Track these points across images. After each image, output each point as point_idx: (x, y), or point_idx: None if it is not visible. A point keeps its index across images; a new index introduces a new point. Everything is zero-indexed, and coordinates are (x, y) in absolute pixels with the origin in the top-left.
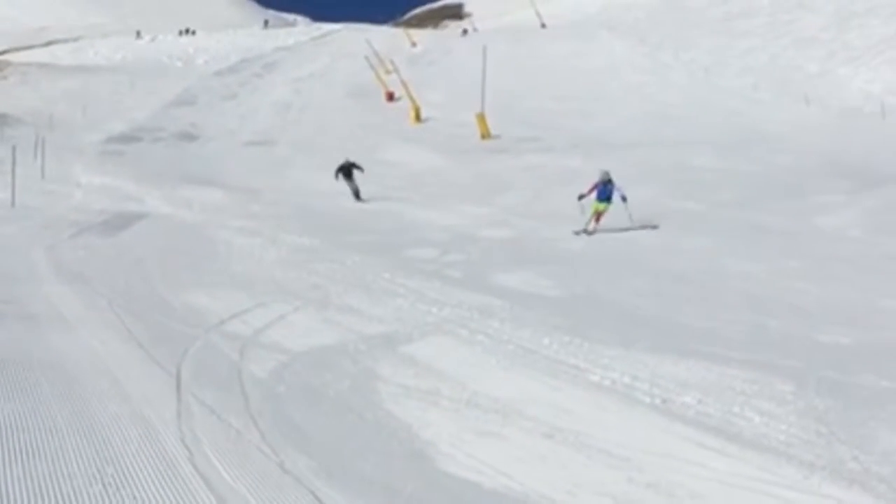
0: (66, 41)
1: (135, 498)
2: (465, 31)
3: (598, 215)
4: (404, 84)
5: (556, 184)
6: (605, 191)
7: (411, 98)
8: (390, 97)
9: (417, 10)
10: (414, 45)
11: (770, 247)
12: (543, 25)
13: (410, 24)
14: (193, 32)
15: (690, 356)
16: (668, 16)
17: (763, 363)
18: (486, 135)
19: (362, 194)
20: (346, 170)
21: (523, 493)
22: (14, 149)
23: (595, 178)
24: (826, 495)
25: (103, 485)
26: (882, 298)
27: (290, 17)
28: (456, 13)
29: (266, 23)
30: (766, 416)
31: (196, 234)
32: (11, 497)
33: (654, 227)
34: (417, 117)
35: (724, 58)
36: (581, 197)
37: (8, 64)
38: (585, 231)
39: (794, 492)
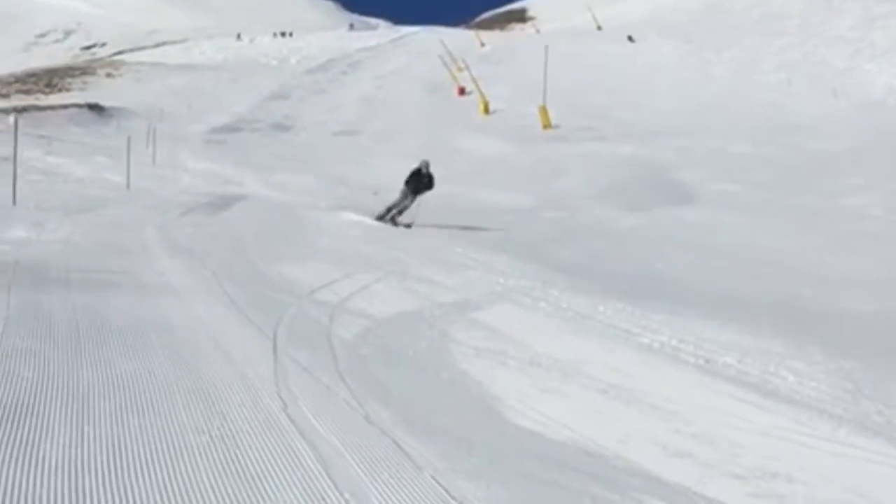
0: (174, 42)
1: (238, 447)
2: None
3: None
4: (474, 80)
5: (608, 168)
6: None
7: (480, 92)
8: (462, 92)
9: (486, 14)
10: (483, 45)
11: (800, 224)
12: (599, 28)
13: (480, 26)
14: (290, 35)
15: (730, 321)
16: (710, 18)
17: (795, 328)
18: (547, 125)
19: (405, 219)
20: (417, 182)
21: (581, 442)
22: (129, 138)
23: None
24: (853, 445)
25: (210, 436)
26: None
27: (373, 20)
28: (521, 17)
29: (351, 26)
30: (799, 375)
31: (289, 213)
32: (128, 446)
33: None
34: (486, 110)
35: (761, 55)
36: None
37: (123, 63)
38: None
39: (825, 442)
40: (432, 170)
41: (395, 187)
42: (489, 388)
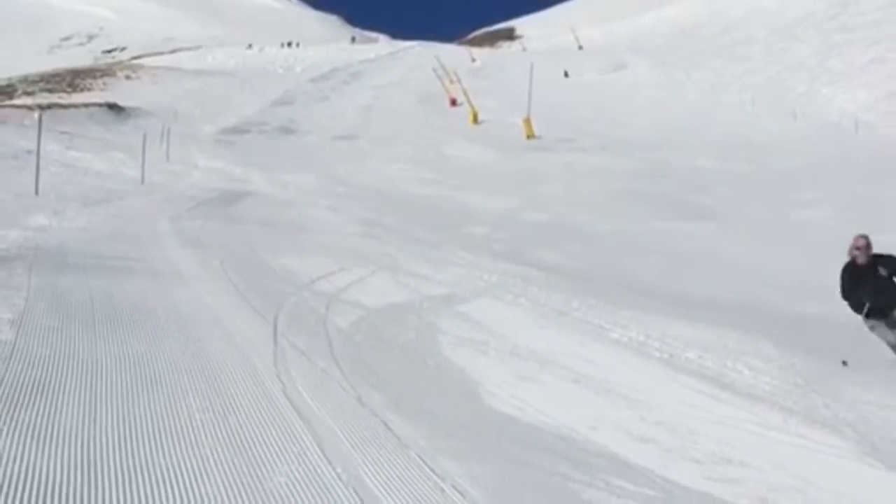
0: (188, 49)
1: (240, 424)
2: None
3: None
4: (465, 92)
5: (585, 177)
6: None
7: (470, 104)
8: (453, 103)
9: (478, 32)
10: (474, 60)
11: (759, 234)
12: (581, 48)
13: (472, 42)
14: (297, 45)
15: (693, 319)
16: (683, 42)
17: (752, 327)
18: (530, 135)
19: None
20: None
21: (555, 427)
22: (144, 136)
23: None
24: (801, 435)
25: (213, 413)
26: None
27: (373, 34)
28: (509, 35)
29: (353, 39)
30: (754, 370)
31: (291, 209)
32: (139, 420)
33: None
34: (475, 120)
35: (728, 78)
36: None
37: (141, 67)
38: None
39: (776, 432)
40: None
41: (390, 188)
42: (471, 374)
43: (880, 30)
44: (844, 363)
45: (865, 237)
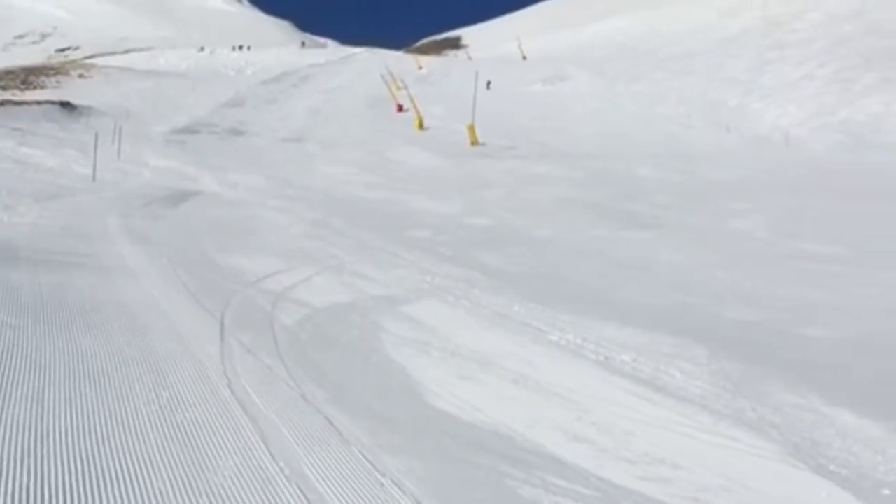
0: (141, 50)
1: (185, 418)
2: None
3: None
4: (412, 98)
5: (527, 184)
6: None
7: (416, 110)
8: (400, 109)
9: (425, 40)
10: (420, 67)
11: (693, 241)
12: (524, 58)
13: (419, 50)
14: (248, 48)
15: (628, 324)
16: (622, 55)
17: (685, 332)
18: (474, 142)
19: None
20: None
21: (493, 425)
22: (97, 134)
23: None
24: (730, 437)
25: (159, 406)
26: (779, 286)
27: (323, 40)
28: (455, 44)
29: (303, 44)
30: (686, 374)
31: (240, 209)
32: (85, 413)
33: None
34: (421, 125)
35: (665, 91)
36: None
37: (94, 66)
38: None
39: (706, 433)
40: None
41: (337, 191)
42: (413, 373)
43: (811, 48)
44: None
45: None
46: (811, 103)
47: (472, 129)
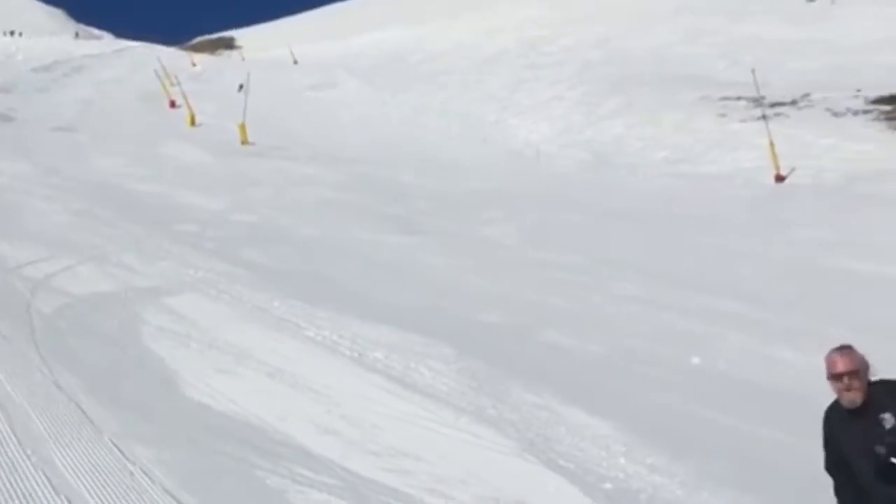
0: None
1: None
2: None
3: None
4: (184, 95)
5: (295, 184)
6: None
7: (189, 106)
8: (172, 104)
9: (200, 38)
10: (194, 65)
11: (449, 247)
12: (296, 62)
13: (194, 48)
14: (20, 34)
15: (384, 322)
16: (389, 66)
17: (436, 332)
18: (245, 141)
19: None
20: None
21: (245, 417)
22: None
23: None
24: (471, 433)
25: None
26: (525, 292)
27: (97, 31)
28: (229, 44)
29: (77, 34)
30: (434, 371)
31: (4, 195)
32: None
33: None
34: (192, 122)
35: (429, 103)
36: None
37: None
38: None
39: (449, 429)
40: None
41: (105, 182)
42: (170, 364)
43: (562, 70)
44: None
45: (849, 349)
46: (560, 122)
47: (242, 128)
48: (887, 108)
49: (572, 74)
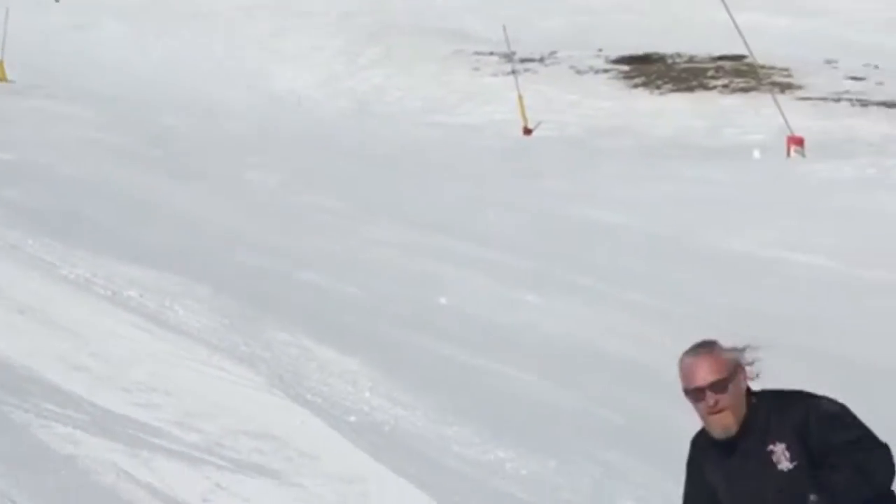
0: None
1: None
2: None
3: None
4: None
5: (55, 123)
6: None
7: None
8: None
9: None
10: None
11: (211, 189)
12: (58, 0)
13: None
14: None
15: (140, 262)
16: (154, 8)
17: (193, 272)
18: (2, 78)
19: None
20: None
21: None
22: None
23: None
24: (221, 368)
25: None
26: (285, 234)
27: None
28: None
29: None
30: (188, 310)
31: None
32: None
33: None
34: None
35: (193, 46)
36: None
37: None
38: None
39: (201, 365)
40: None
41: None
42: None
43: (324, 19)
44: None
45: (709, 348)
46: (322, 70)
47: (0, 64)
48: (626, 67)
49: (332, 22)
